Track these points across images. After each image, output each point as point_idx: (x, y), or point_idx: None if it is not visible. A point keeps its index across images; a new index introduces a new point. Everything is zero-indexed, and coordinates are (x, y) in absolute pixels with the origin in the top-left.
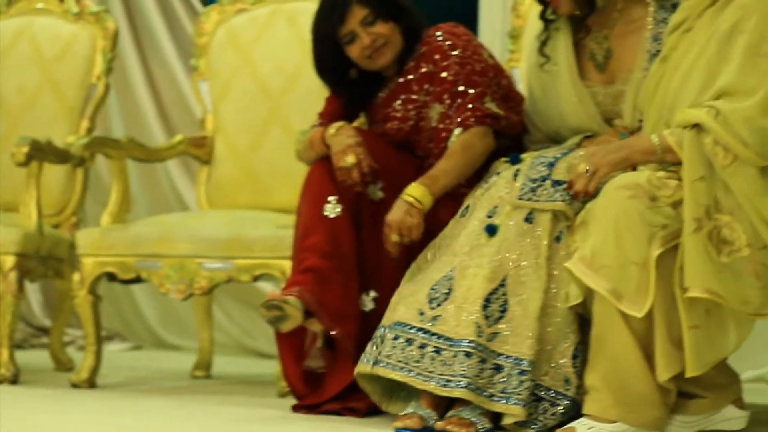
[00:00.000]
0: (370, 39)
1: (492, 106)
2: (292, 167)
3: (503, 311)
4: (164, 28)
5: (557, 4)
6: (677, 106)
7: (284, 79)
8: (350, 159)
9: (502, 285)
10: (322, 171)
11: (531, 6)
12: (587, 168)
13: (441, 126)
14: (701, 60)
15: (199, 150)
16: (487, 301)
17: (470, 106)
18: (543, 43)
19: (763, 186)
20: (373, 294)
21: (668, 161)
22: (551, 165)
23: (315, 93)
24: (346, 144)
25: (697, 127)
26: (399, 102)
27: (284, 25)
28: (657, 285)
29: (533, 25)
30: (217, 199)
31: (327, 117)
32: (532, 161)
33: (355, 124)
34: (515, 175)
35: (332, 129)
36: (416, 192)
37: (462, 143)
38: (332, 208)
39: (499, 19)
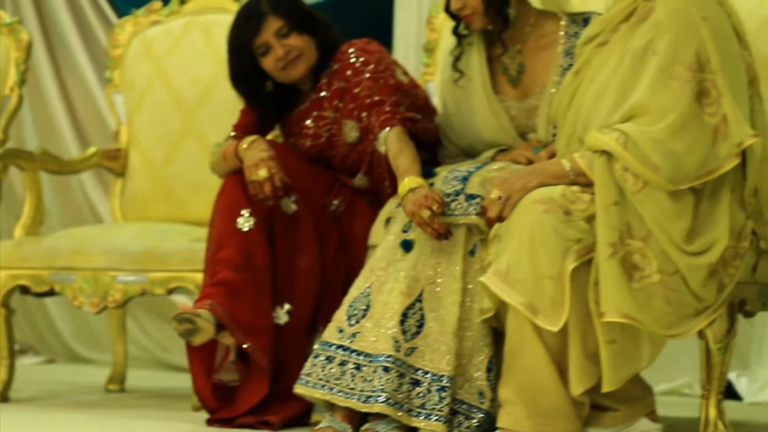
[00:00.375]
0: (283, 50)
1: (408, 113)
2: (206, 180)
3: (420, 326)
4: (78, 40)
5: (470, 20)
6: (591, 122)
7: (199, 91)
8: (262, 173)
9: (418, 300)
10: (236, 184)
11: (445, 20)
12: (500, 194)
13: (367, 144)
14: (615, 77)
15: (113, 162)
16: (404, 316)
17: (387, 109)
18: (456, 59)
19: (673, 210)
20: (287, 307)
21: (581, 183)
22: (465, 179)
23: (230, 105)
24: (258, 158)
25: (607, 153)
26: (311, 119)
27: (199, 37)
28: (572, 299)
29: (448, 39)
30: (131, 211)
31: (241, 129)
32: (445, 176)
33: (269, 136)
34: None
35: (245, 143)
36: (408, 184)
37: (396, 139)
38: (245, 221)
39: (414, 32)
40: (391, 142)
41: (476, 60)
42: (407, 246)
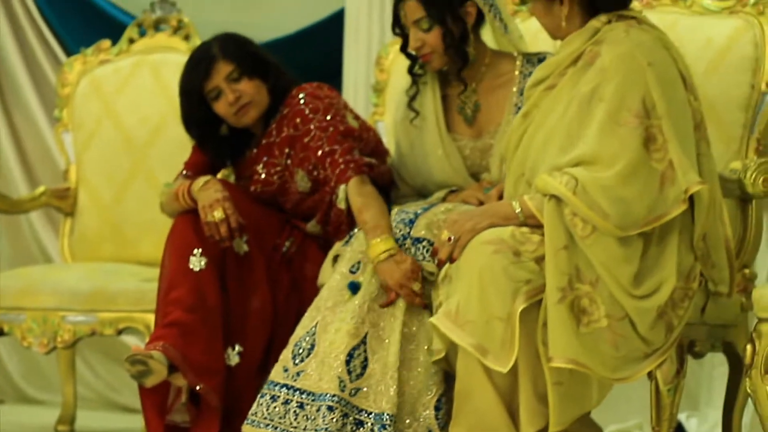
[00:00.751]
0: (234, 96)
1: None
2: (156, 220)
3: (364, 368)
4: (27, 78)
5: (428, 59)
6: (538, 166)
7: (148, 131)
8: (218, 214)
9: (363, 342)
10: (187, 223)
11: (395, 60)
12: (450, 236)
13: (323, 194)
14: (562, 121)
15: (62, 202)
16: (350, 357)
17: (341, 160)
18: (412, 98)
19: (621, 255)
20: (238, 348)
21: (531, 225)
22: (411, 222)
23: (179, 144)
24: (213, 198)
25: (556, 197)
26: (261, 165)
27: (148, 76)
28: (521, 340)
29: (397, 79)
30: (80, 251)
31: (192, 167)
32: (393, 217)
33: (219, 175)
34: None
35: (199, 182)
36: (381, 246)
37: (357, 193)
38: (197, 261)
39: (363, 72)
40: (352, 197)
41: (430, 99)
42: (354, 288)
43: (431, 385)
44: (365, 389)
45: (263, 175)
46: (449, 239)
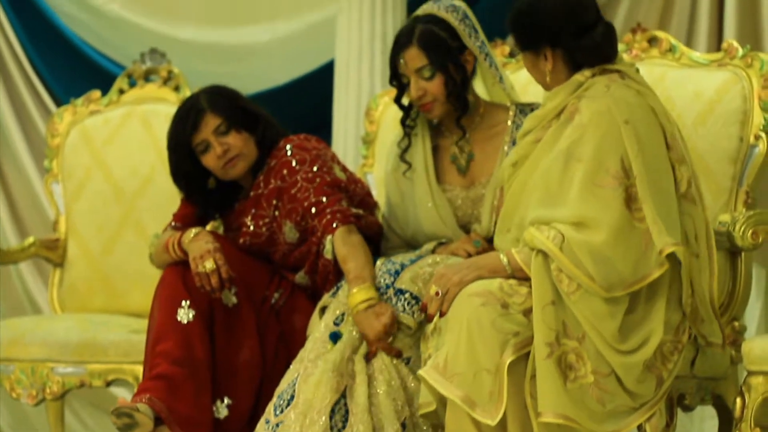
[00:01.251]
0: (222, 149)
1: (352, 209)
2: (145, 271)
3: (345, 421)
4: (17, 128)
5: (429, 108)
6: (525, 219)
7: (138, 182)
8: (209, 265)
9: (343, 396)
10: (175, 275)
11: (384, 111)
12: (437, 290)
13: (311, 245)
14: (544, 176)
15: (51, 252)
16: (333, 412)
17: (328, 211)
18: (404, 150)
19: (606, 312)
20: (227, 401)
21: (519, 277)
22: (396, 273)
23: (169, 196)
24: (204, 249)
25: (543, 252)
26: (249, 217)
27: (138, 126)
28: (509, 392)
29: (387, 131)
30: (70, 302)
31: (181, 219)
32: (379, 268)
33: (208, 227)
34: None
35: (190, 234)
36: (361, 295)
37: (342, 243)
38: (185, 314)
39: (353, 124)
40: (338, 246)
41: (420, 150)
42: (335, 338)
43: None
44: None
45: (252, 227)
46: (437, 293)
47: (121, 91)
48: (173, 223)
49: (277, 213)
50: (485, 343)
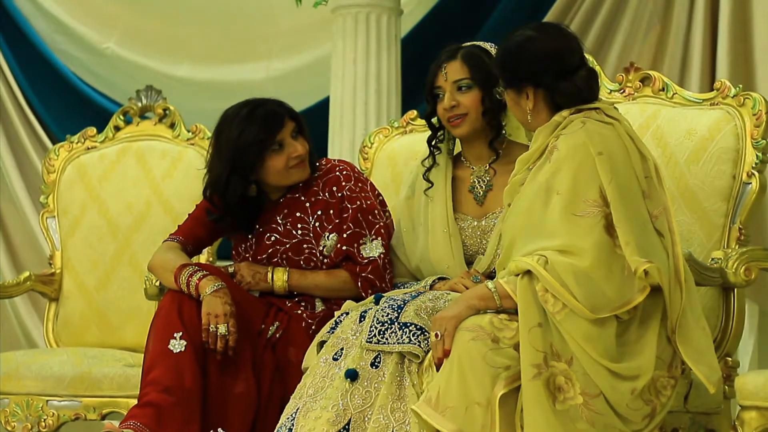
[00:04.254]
0: (303, 149)
1: (368, 248)
2: (140, 305)
3: None
4: (13, 164)
5: (458, 123)
6: (509, 255)
7: (133, 217)
8: (222, 329)
9: (345, 429)
10: (172, 306)
11: (378, 149)
12: (436, 333)
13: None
14: (527, 213)
15: (47, 287)
16: None
17: (364, 275)
18: (428, 169)
19: (593, 331)
20: None
21: (507, 307)
22: (400, 308)
23: (163, 231)
24: (222, 311)
25: (529, 274)
26: (281, 216)
27: (133, 163)
28: (501, 425)
29: (381, 167)
30: (65, 336)
31: (185, 234)
32: (381, 304)
33: (210, 250)
34: (362, 317)
35: (210, 285)
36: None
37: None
38: (177, 344)
39: (348, 160)
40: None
41: (442, 177)
42: (353, 376)
43: None
44: None
45: (282, 227)
46: (437, 336)
47: (117, 128)
48: (178, 237)
49: (316, 223)
50: (476, 376)
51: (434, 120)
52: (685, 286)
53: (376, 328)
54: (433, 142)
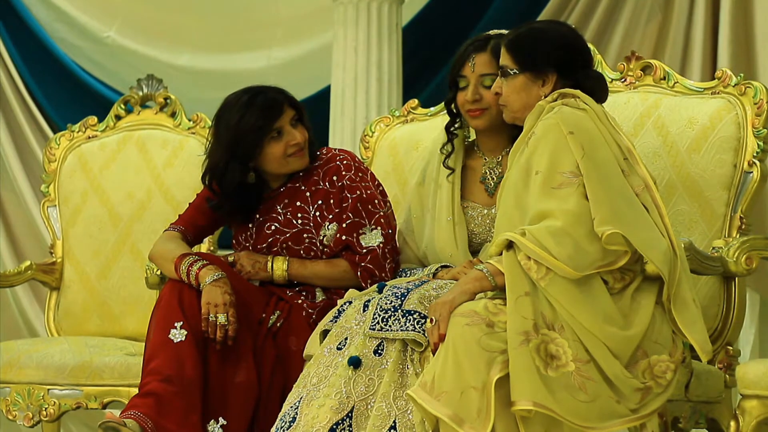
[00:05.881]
0: (302, 137)
1: (367, 238)
2: (141, 294)
3: None
4: (14, 153)
5: (477, 115)
6: (498, 234)
7: (134, 206)
8: (221, 318)
9: (348, 416)
10: (173, 294)
11: (379, 138)
12: (431, 319)
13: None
14: (513, 193)
15: (48, 276)
16: (332, 431)
17: (363, 265)
18: (447, 156)
19: (579, 295)
20: (221, 421)
21: (500, 284)
22: (403, 296)
23: (164, 220)
24: (222, 301)
25: (512, 246)
26: (281, 206)
27: (134, 152)
28: (497, 409)
29: (382, 156)
30: (66, 325)
31: (185, 224)
32: (384, 291)
33: (213, 238)
34: (365, 306)
35: (210, 274)
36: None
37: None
38: (177, 333)
39: (348, 150)
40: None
41: (453, 165)
42: (356, 363)
43: None
44: None
45: (282, 217)
46: (431, 321)
47: (118, 117)
48: (178, 226)
49: (317, 213)
50: (472, 361)
51: (452, 107)
52: (680, 255)
53: (379, 315)
54: (451, 129)
